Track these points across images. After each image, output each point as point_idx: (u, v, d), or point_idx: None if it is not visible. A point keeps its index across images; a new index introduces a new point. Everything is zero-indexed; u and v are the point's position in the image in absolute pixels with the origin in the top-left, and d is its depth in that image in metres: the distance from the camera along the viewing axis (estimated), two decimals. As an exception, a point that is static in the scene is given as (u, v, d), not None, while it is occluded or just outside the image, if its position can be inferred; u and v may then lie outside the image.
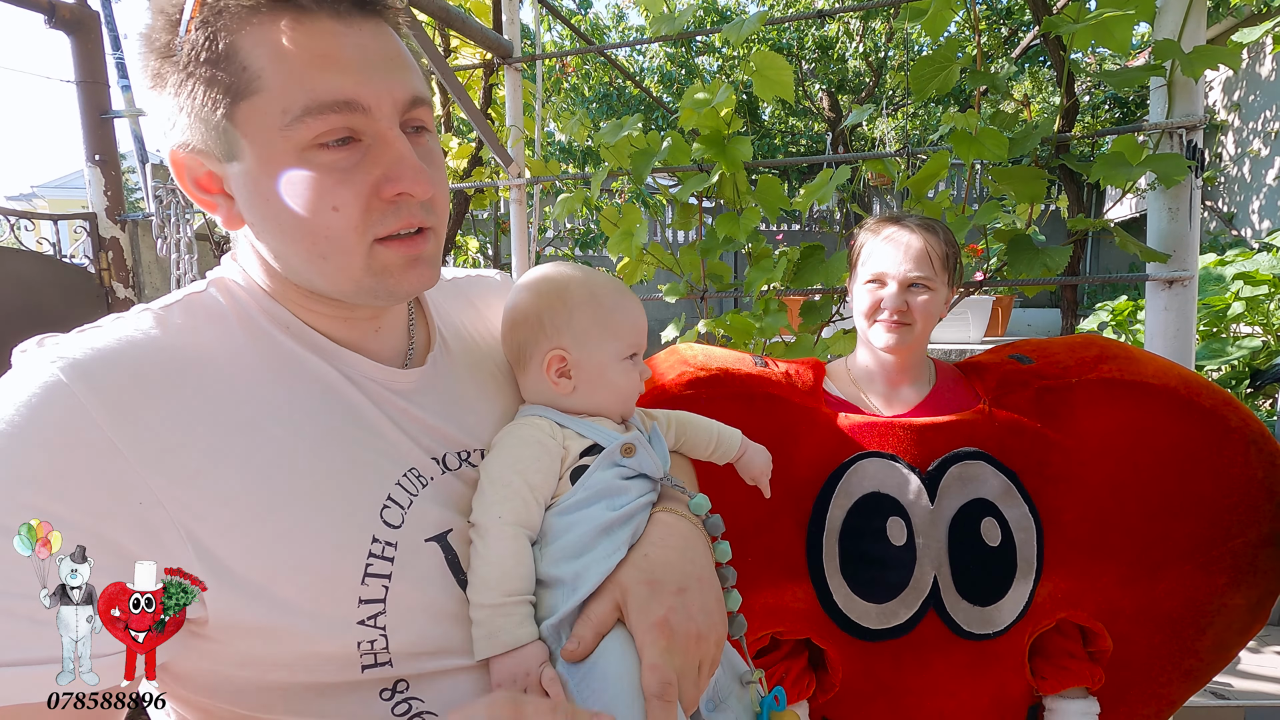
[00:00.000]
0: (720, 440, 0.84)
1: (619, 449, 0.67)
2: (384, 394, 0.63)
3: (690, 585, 0.62)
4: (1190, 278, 1.46)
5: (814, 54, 7.37)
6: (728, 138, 1.68)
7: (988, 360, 1.16)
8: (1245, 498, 1.07)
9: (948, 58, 1.50)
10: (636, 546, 0.63)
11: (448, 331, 0.74)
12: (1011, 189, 1.47)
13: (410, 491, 0.61)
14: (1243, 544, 1.07)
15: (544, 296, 0.72)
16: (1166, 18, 1.42)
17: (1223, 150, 7.12)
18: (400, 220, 0.57)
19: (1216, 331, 3.29)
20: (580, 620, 0.59)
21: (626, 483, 0.66)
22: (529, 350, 0.72)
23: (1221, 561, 1.08)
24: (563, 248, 4.53)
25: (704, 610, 0.61)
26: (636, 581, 0.60)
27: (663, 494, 0.71)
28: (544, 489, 0.65)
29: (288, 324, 0.60)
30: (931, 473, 1.02)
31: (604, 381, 0.71)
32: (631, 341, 0.73)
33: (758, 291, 1.61)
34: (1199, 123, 1.41)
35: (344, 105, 0.52)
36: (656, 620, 0.58)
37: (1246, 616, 1.08)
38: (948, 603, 1.01)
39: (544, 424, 0.68)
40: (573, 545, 0.62)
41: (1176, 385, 1.07)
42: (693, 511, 0.70)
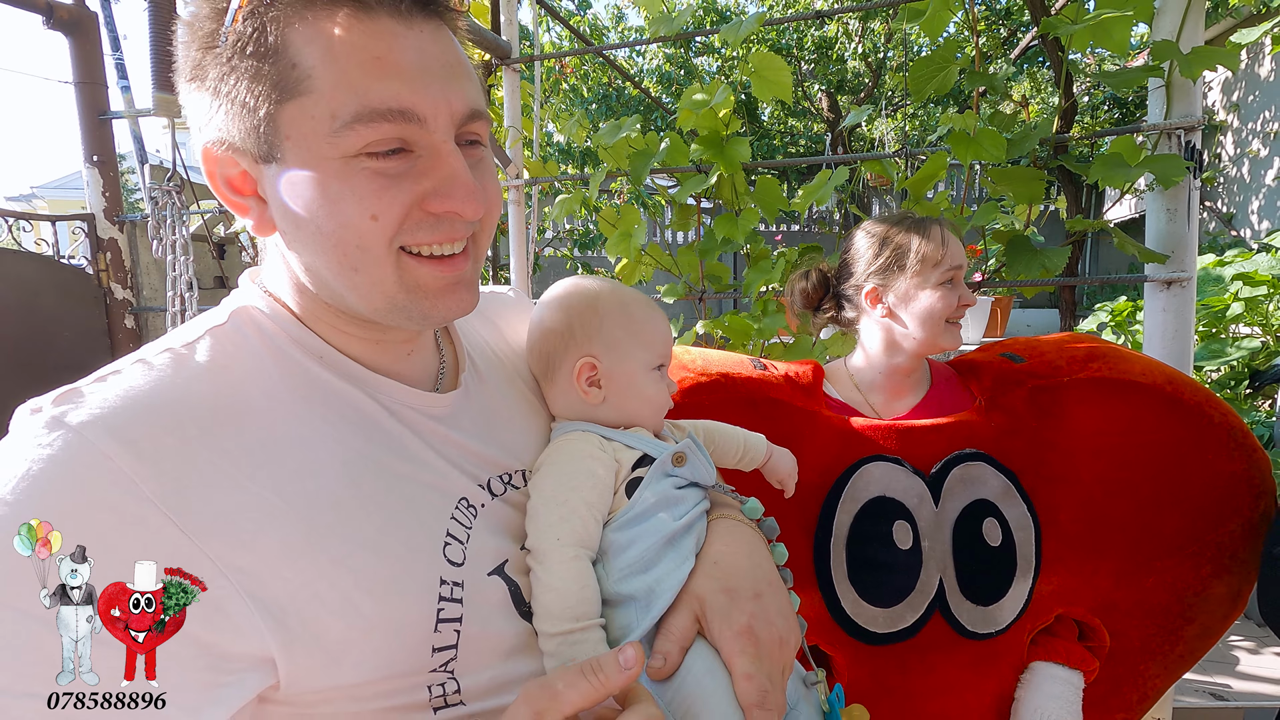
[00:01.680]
0: (748, 446, 0.83)
1: (671, 458, 0.66)
2: (423, 421, 0.60)
3: (764, 590, 0.61)
4: (1189, 278, 1.46)
5: (813, 55, 7.37)
6: (726, 139, 1.68)
7: (981, 359, 1.17)
8: (1226, 490, 1.08)
9: (946, 58, 1.50)
10: (703, 555, 0.62)
11: (474, 351, 0.72)
12: (1010, 190, 1.47)
13: (465, 524, 0.58)
14: (1225, 535, 1.09)
15: (574, 306, 0.72)
16: (1164, 19, 1.42)
17: (1222, 151, 7.13)
18: (438, 234, 0.53)
19: (1216, 332, 3.30)
20: (661, 635, 0.57)
21: (681, 492, 0.65)
22: (558, 360, 0.71)
23: (1206, 553, 1.09)
24: (561, 249, 4.54)
25: (781, 614, 0.61)
26: (713, 591, 0.59)
27: (714, 501, 0.70)
28: (600, 505, 0.63)
29: (321, 353, 0.57)
30: (935, 475, 1.02)
31: (634, 391, 0.71)
32: (660, 352, 0.73)
33: (756, 292, 1.61)
34: (1197, 124, 1.40)
35: (398, 114, 0.48)
36: (741, 628, 0.56)
37: (1228, 604, 1.10)
38: (952, 604, 1.01)
39: (592, 438, 0.67)
40: (639, 559, 0.61)
41: (1162, 383, 1.08)
42: (748, 515, 0.70)
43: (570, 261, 4.05)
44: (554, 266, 5.59)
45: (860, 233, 1.14)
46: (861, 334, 1.14)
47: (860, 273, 1.12)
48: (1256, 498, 1.10)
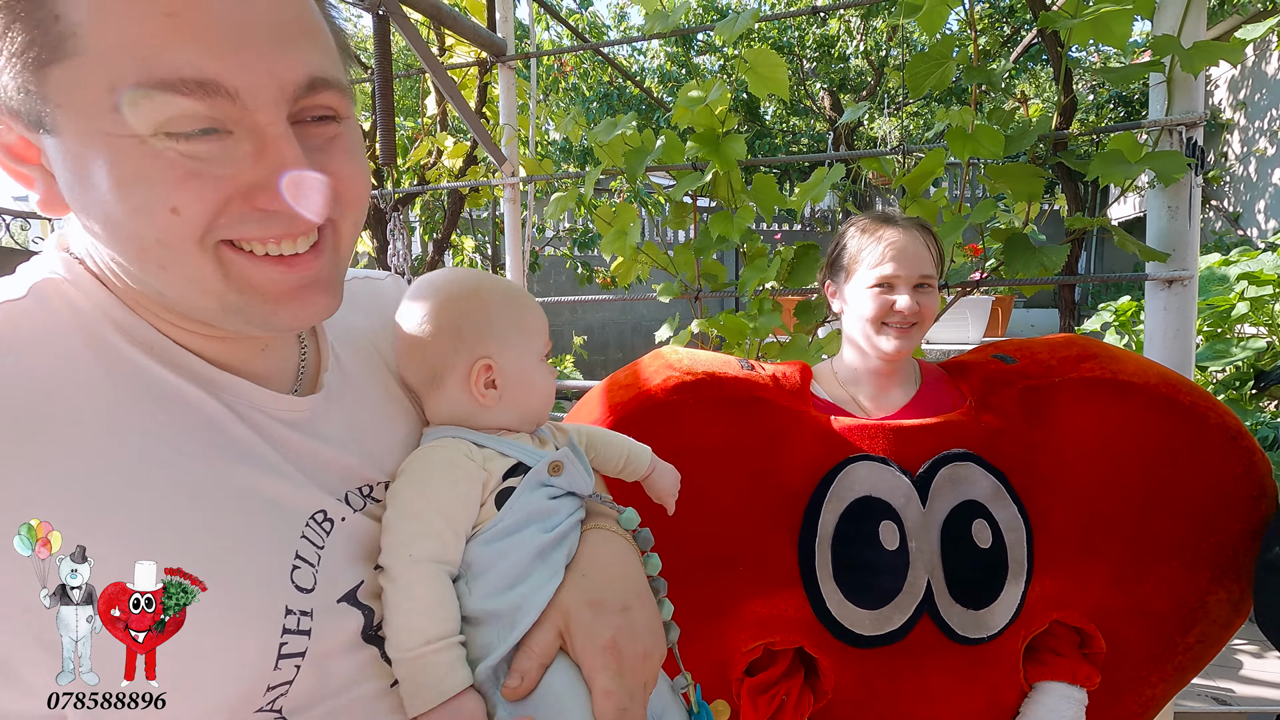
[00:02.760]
0: (631, 457, 0.79)
1: (547, 467, 0.63)
2: (276, 427, 0.53)
3: (632, 603, 0.59)
4: (1190, 277, 1.44)
5: (815, 53, 7.35)
6: (722, 136, 1.67)
7: (971, 360, 1.15)
8: (1225, 493, 1.07)
9: (944, 54, 1.48)
10: (572, 567, 0.59)
11: (341, 348, 0.63)
12: (1009, 187, 1.45)
13: (317, 544, 0.52)
14: (1224, 539, 1.07)
15: (457, 304, 0.64)
16: (1166, 13, 1.40)
17: (1228, 149, 7.07)
18: (269, 229, 0.45)
19: (1220, 332, 3.26)
20: (521, 653, 0.55)
21: (555, 502, 0.62)
22: (446, 366, 0.64)
23: (1204, 558, 1.08)
24: (561, 247, 4.53)
25: (648, 628, 0.59)
26: (579, 604, 0.56)
27: (590, 511, 0.67)
28: (462, 518, 0.59)
29: (151, 343, 0.48)
30: (922, 475, 1.00)
31: (529, 387, 0.66)
32: (545, 339, 0.69)
33: (751, 291, 1.59)
34: (1199, 120, 1.38)
35: (197, 87, 0.39)
36: (605, 644, 0.55)
37: (1229, 612, 1.08)
38: (941, 607, 0.99)
39: (460, 445, 0.62)
40: (506, 575, 0.57)
41: (1156, 383, 1.06)
42: (624, 526, 0.67)
43: (570, 260, 4.04)
44: (554, 266, 5.58)
45: (841, 231, 1.14)
46: (844, 332, 1.14)
47: (823, 270, 1.12)
48: (1256, 501, 1.08)
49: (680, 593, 1.06)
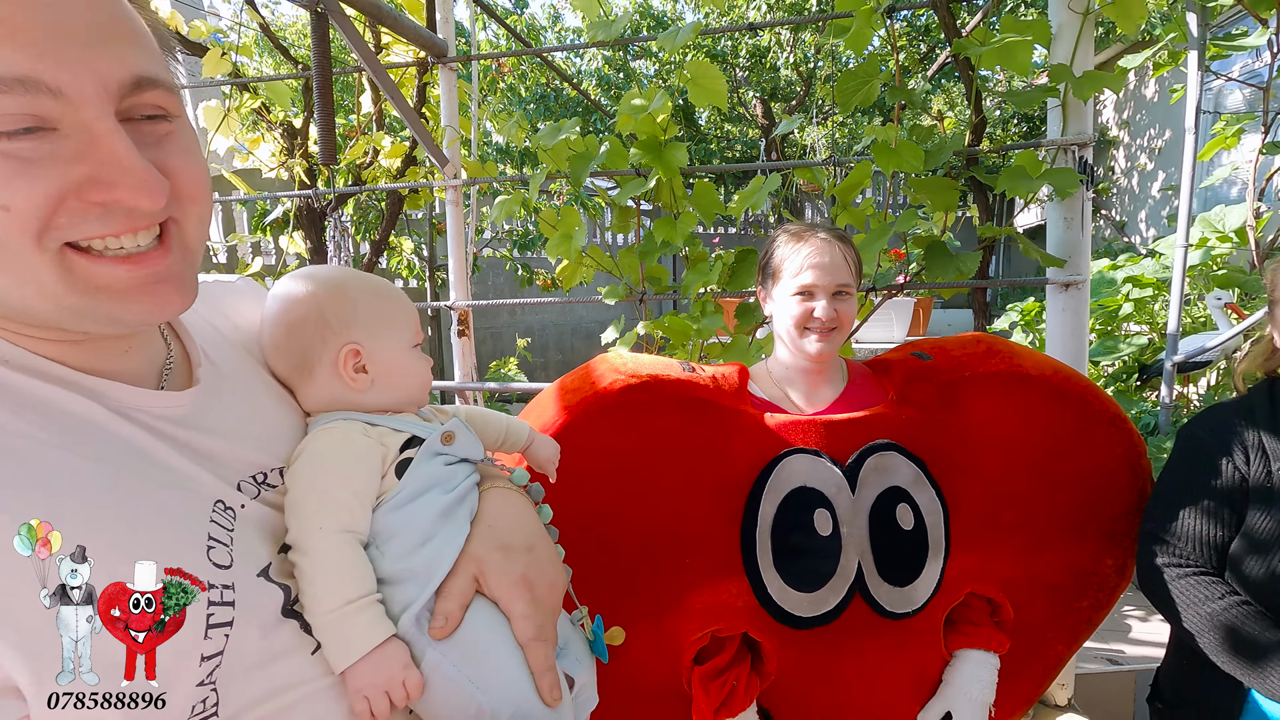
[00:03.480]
0: (510, 431, 0.87)
1: (440, 437, 0.69)
2: (159, 423, 0.53)
3: (536, 543, 0.68)
4: (1083, 281, 1.60)
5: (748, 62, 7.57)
6: (664, 143, 1.72)
7: (893, 358, 1.25)
8: (1109, 472, 1.20)
9: (870, 72, 1.59)
10: (477, 521, 0.67)
11: (208, 344, 0.65)
12: (928, 198, 1.57)
13: (226, 527, 0.54)
14: (1110, 514, 1.21)
15: (321, 295, 0.69)
16: (1060, 44, 1.55)
17: (1115, 164, 7.76)
18: (109, 225, 0.45)
19: (1110, 330, 3.59)
20: (442, 598, 0.61)
21: (451, 469, 0.69)
22: (315, 353, 0.68)
23: (1094, 530, 1.21)
24: (501, 249, 4.48)
25: (551, 562, 0.69)
26: (489, 550, 0.64)
27: (484, 473, 0.74)
28: (368, 490, 0.63)
29: (5, 356, 0.48)
30: (851, 465, 1.08)
31: (401, 371, 0.71)
32: (415, 330, 0.74)
33: (694, 294, 1.65)
34: (1089, 141, 1.54)
35: (17, 84, 0.40)
36: (517, 578, 0.63)
37: (1116, 577, 1.22)
38: (871, 586, 1.08)
39: (354, 425, 0.67)
40: (415, 536, 0.63)
41: (1051, 375, 1.19)
42: (515, 483, 0.75)
43: (510, 262, 4.00)
44: (493, 267, 5.51)
45: (771, 238, 1.21)
46: (775, 334, 1.21)
47: (757, 275, 1.19)
48: (1135, 478, 1.22)
49: (632, 587, 1.11)
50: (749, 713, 1.09)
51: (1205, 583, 1.03)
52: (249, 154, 2.57)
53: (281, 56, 2.51)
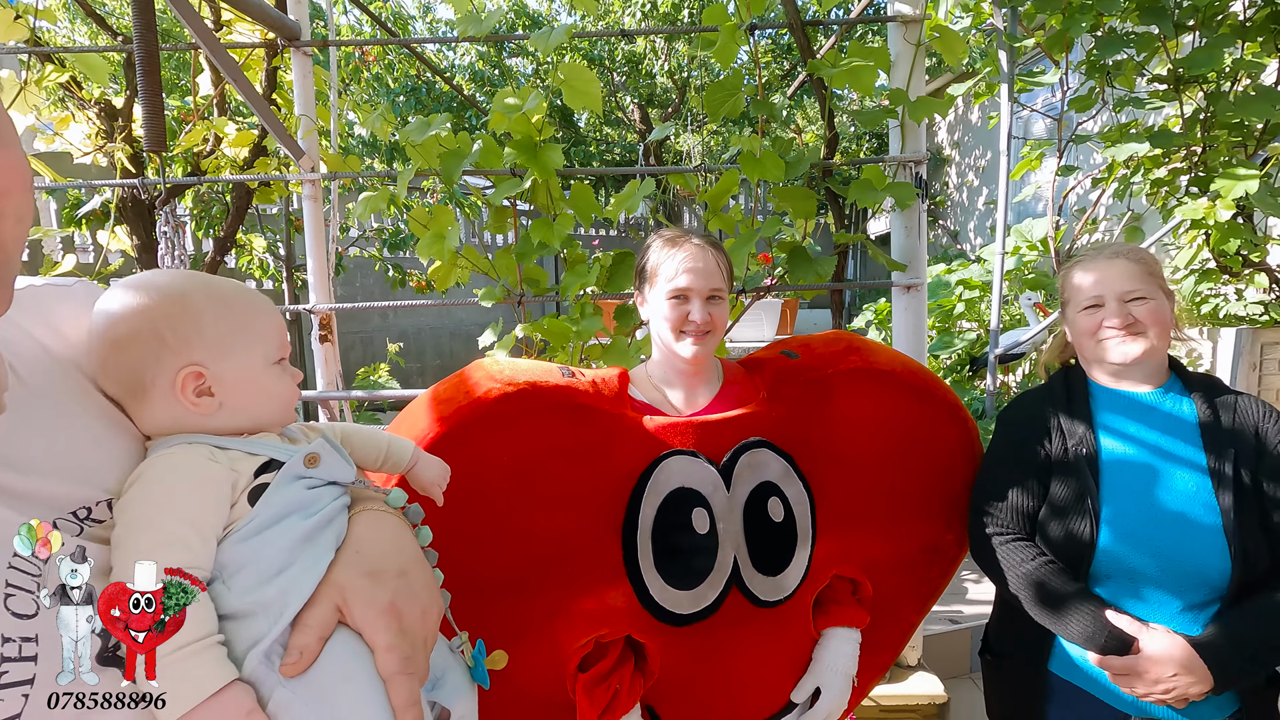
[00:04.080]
0: (391, 452, 0.82)
1: (303, 459, 0.63)
2: None
3: (409, 568, 0.64)
4: (921, 284, 1.79)
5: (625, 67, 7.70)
6: (539, 144, 1.70)
7: (764, 357, 1.32)
8: (951, 455, 1.35)
9: (735, 85, 1.67)
10: (344, 547, 0.62)
11: (19, 362, 0.57)
12: (790, 206, 1.68)
13: (32, 572, 0.49)
14: (952, 492, 1.35)
15: (156, 309, 0.61)
16: (898, 70, 1.73)
17: (949, 180, 8.74)
18: None
19: (947, 327, 4.04)
20: (297, 631, 0.56)
21: (315, 492, 0.63)
22: (148, 374, 0.61)
23: (940, 508, 1.35)
24: (369, 248, 4.19)
25: (425, 588, 0.65)
26: (355, 577, 0.59)
27: (356, 496, 0.69)
28: (209, 521, 0.57)
29: None
30: (726, 463, 1.13)
31: (257, 392, 0.65)
32: (278, 343, 0.68)
33: (573, 295, 1.65)
34: (923, 158, 1.73)
35: None
36: (384, 606, 0.59)
37: (956, 548, 1.36)
38: (746, 578, 1.13)
39: (199, 449, 0.61)
40: (268, 566, 0.58)
41: (900, 369, 1.31)
42: (391, 504, 0.70)
43: (379, 263, 3.75)
44: (361, 268, 5.16)
45: (646, 242, 1.23)
46: (652, 337, 1.23)
47: (634, 280, 1.22)
48: (970, 460, 1.38)
49: (515, 603, 1.08)
50: (634, 714, 1.10)
51: (1021, 547, 1.19)
52: (55, 135, 2.22)
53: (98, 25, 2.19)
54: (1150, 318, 1.15)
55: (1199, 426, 1.13)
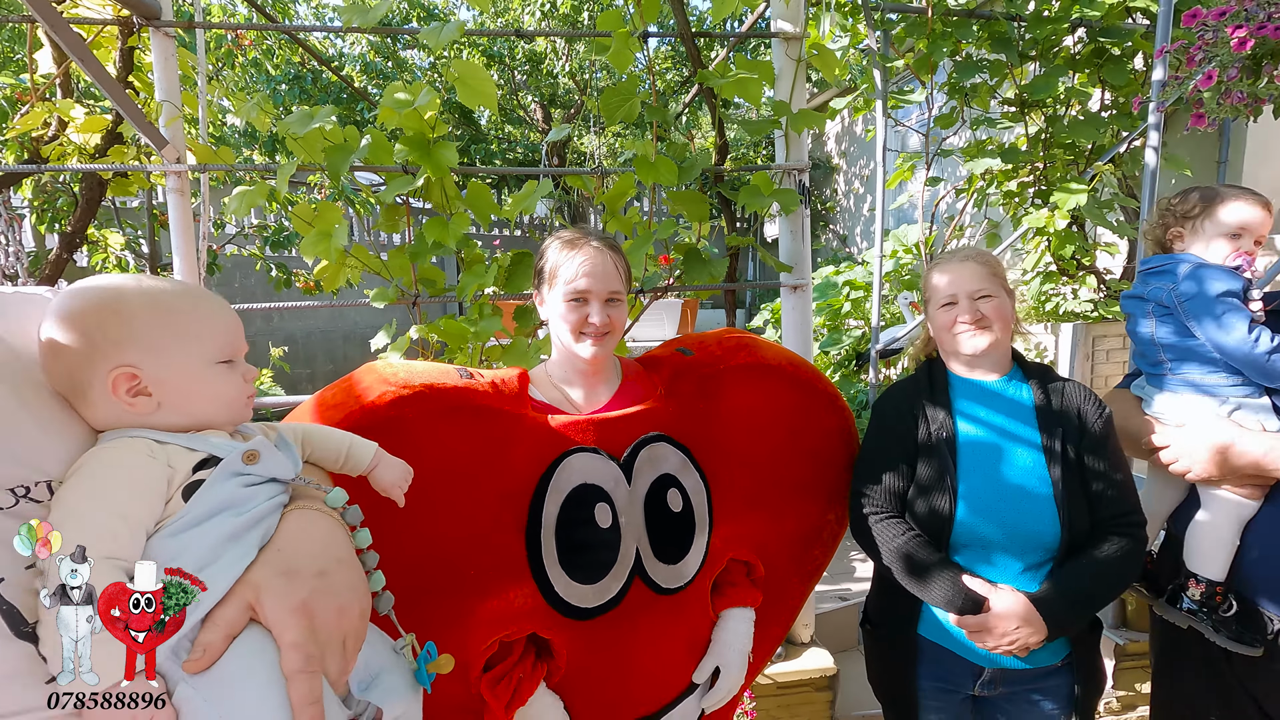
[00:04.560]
0: (351, 453, 0.84)
1: (241, 457, 0.65)
2: None
3: (330, 568, 0.64)
4: (807, 284, 1.91)
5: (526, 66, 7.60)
6: (433, 141, 1.66)
7: (660, 354, 1.37)
8: (831, 443, 1.45)
9: (631, 90, 1.71)
10: (268, 546, 0.63)
11: None
12: (684, 210, 1.74)
13: None
14: (832, 476, 1.46)
15: (88, 313, 0.63)
16: (782, 83, 1.83)
17: (837, 188, 9.30)
18: None
19: (836, 325, 4.32)
20: (205, 628, 0.57)
21: (252, 489, 0.65)
22: (84, 376, 0.63)
23: (822, 491, 1.45)
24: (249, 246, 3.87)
25: (349, 587, 0.65)
26: (271, 575, 0.60)
27: (297, 494, 0.70)
28: (140, 515, 0.59)
29: None
30: (626, 458, 1.16)
31: (198, 392, 0.67)
32: (222, 343, 0.69)
33: (471, 296, 1.63)
34: (806, 167, 1.85)
35: None
36: (295, 605, 0.59)
37: (836, 527, 1.47)
38: (648, 568, 1.16)
39: (139, 444, 0.62)
40: (193, 562, 0.58)
41: (784, 364, 1.40)
42: (330, 505, 0.71)
43: (261, 262, 3.48)
44: (240, 267, 4.75)
45: (545, 243, 1.24)
46: (552, 337, 1.25)
47: (535, 278, 1.22)
48: (848, 447, 1.49)
49: (419, 607, 1.06)
50: (544, 697, 1.11)
51: (893, 524, 1.30)
52: None
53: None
54: (995, 314, 1.30)
55: (1034, 409, 1.29)
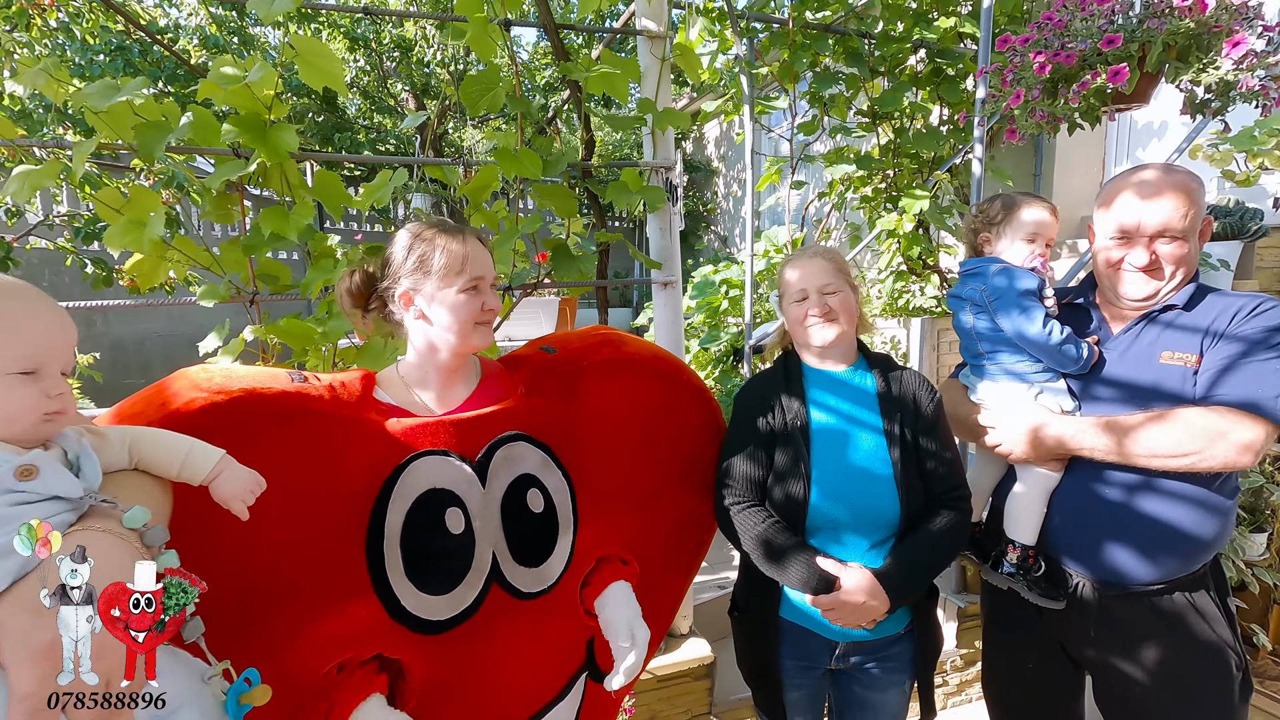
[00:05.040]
0: (189, 460, 0.78)
1: (13, 472, 0.59)
2: None
3: None
4: (676, 282, 1.94)
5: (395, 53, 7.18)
6: (270, 123, 1.51)
7: (522, 353, 1.33)
8: (699, 435, 1.48)
9: (492, 80, 1.65)
10: (27, 576, 0.57)
11: None
12: (552, 204, 1.70)
13: None
14: (701, 467, 1.48)
15: None
16: (648, 82, 1.85)
17: (718, 190, 9.64)
18: None
19: (715, 322, 4.45)
20: None
21: (21, 509, 0.58)
22: None
23: (693, 483, 1.47)
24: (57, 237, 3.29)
25: None
26: (17, 614, 0.55)
27: (92, 512, 0.64)
28: None
29: None
30: (481, 460, 1.11)
31: None
32: (17, 354, 0.63)
33: (317, 292, 1.49)
34: (673, 164, 1.88)
35: None
36: (39, 648, 0.54)
37: (708, 519, 1.50)
38: (507, 572, 1.12)
39: None
40: None
41: (649, 358, 1.41)
42: (128, 526, 0.65)
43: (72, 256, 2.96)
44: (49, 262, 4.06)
45: (400, 234, 1.16)
46: (408, 334, 1.17)
47: (393, 274, 1.14)
48: (716, 438, 1.52)
49: (244, 631, 0.95)
50: (378, 713, 1.01)
51: (754, 513, 1.34)
52: None
53: None
54: (841, 307, 1.38)
55: (877, 396, 1.38)
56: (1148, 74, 1.64)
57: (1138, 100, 1.71)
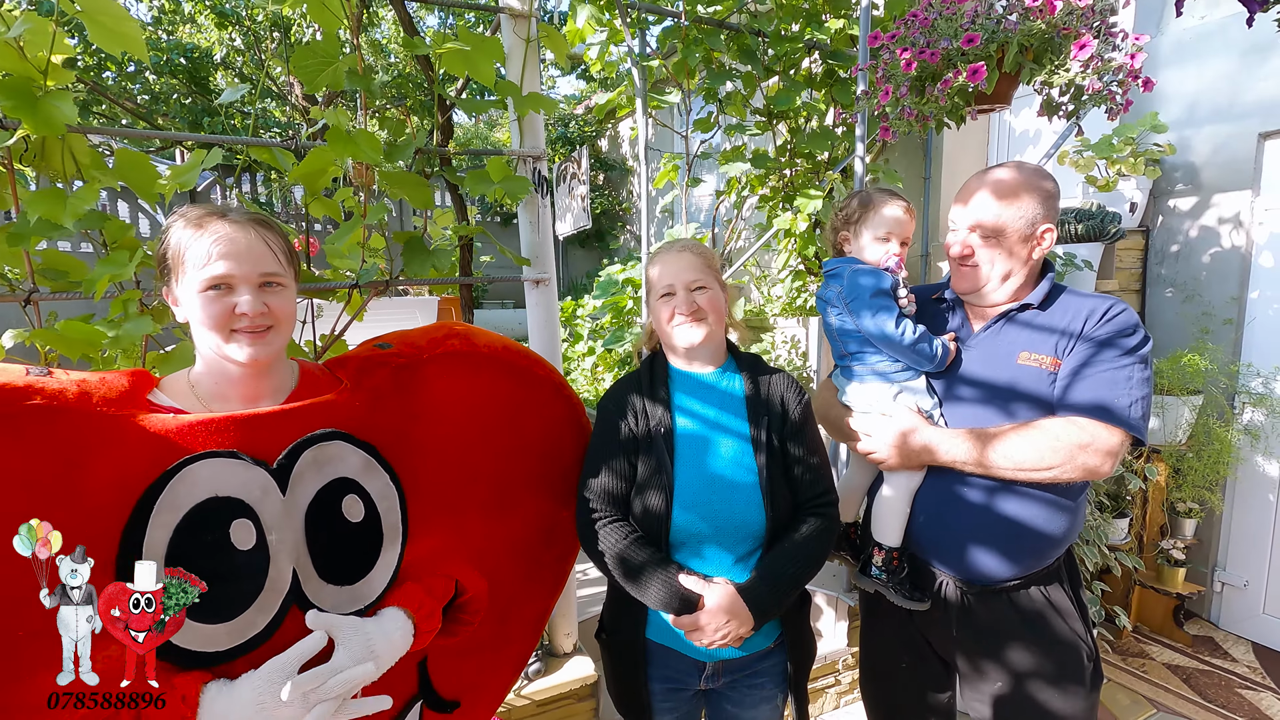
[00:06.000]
0: None
1: None
2: None
3: None
4: (549, 279, 1.82)
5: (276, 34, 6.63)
6: (44, 91, 1.28)
7: (353, 352, 1.18)
8: (558, 433, 1.37)
9: (331, 53, 1.47)
10: None
11: None
12: (403, 194, 1.54)
13: None
14: (562, 469, 1.37)
15: None
16: (513, 64, 1.72)
17: (634, 189, 9.58)
18: None
19: (620, 323, 4.36)
20: None
21: None
22: None
23: (553, 487, 1.35)
24: None
25: None
26: None
27: None
28: None
29: None
30: (282, 463, 0.95)
31: None
32: None
33: (102, 291, 1.27)
34: (542, 154, 1.75)
35: None
36: None
37: (573, 526, 1.37)
38: (310, 592, 0.97)
39: None
40: None
41: (500, 351, 1.29)
42: None
43: None
44: None
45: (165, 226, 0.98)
46: (194, 342, 0.99)
47: (159, 270, 0.97)
48: (578, 437, 1.41)
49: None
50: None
51: (614, 528, 1.24)
52: None
53: None
54: (709, 305, 1.30)
55: (745, 400, 1.31)
56: (1007, 75, 1.67)
57: (999, 101, 1.75)
